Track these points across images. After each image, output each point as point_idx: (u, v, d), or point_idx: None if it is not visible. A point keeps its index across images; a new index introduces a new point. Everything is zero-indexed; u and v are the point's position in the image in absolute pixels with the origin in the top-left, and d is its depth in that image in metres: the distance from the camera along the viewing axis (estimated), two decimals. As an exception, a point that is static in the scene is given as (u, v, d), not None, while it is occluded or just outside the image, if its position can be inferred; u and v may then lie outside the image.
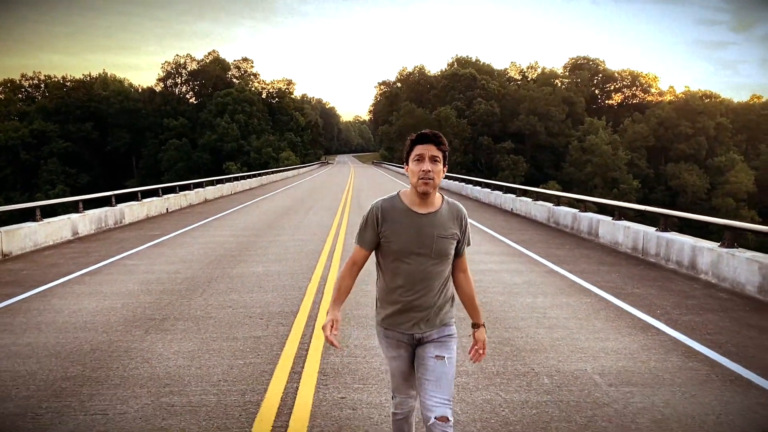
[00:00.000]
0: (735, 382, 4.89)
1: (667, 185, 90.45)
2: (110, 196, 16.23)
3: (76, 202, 14.30)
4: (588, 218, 13.84)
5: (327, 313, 2.84)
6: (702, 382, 4.86)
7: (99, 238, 13.71)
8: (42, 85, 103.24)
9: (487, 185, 25.41)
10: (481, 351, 2.92)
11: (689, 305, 7.50)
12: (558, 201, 16.42)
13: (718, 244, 9.08)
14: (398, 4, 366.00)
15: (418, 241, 2.74)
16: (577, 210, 14.66)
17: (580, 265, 10.15)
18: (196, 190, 24.43)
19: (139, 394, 4.54)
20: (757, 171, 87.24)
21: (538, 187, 38.44)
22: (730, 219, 8.00)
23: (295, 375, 4.92)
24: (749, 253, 8.40)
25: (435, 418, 2.68)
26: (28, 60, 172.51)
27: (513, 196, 20.54)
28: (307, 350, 5.54)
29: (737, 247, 8.80)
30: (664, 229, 10.68)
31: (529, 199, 18.57)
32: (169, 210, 20.38)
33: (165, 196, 20.33)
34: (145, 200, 18.47)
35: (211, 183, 27.75)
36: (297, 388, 4.64)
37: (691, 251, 9.56)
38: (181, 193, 22.25)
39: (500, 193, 22.35)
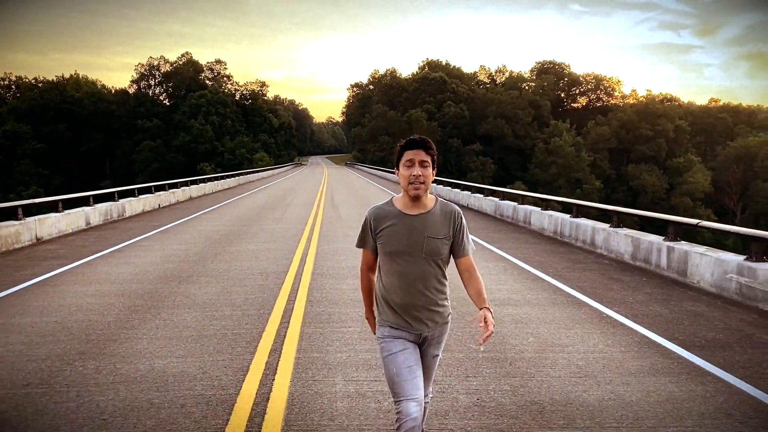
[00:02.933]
0: (578, 304, 7.53)
1: (628, 185, 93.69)
2: (113, 193, 18.48)
3: (88, 197, 16.55)
4: (524, 209, 16.56)
5: (366, 317, 3.25)
6: (555, 304, 7.49)
7: (109, 228, 15.99)
8: (13, 86, 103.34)
9: (449, 184, 28.13)
10: (489, 333, 2.76)
11: (576, 267, 10.19)
12: (503, 196, 19.14)
13: (609, 225, 11.80)
14: (371, 5, 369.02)
15: (409, 241, 2.86)
16: (516, 203, 17.39)
17: (508, 244, 12.83)
18: (182, 188, 26.71)
19: (190, 312, 7.00)
20: (714, 171, 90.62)
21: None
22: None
23: (290, 302, 7.43)
24: (627, 231, 11.14)
25: None
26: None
27: (468, 192, 23.27)
28: (297, 290, 8.06)
29: (622, 227, 11.53)
30: (576, 216, 13.43)
31: (481, 195, 21.31)
32: (161, 206, 22.64)
33: (157, 194, 22.58)
34: (141, 196, 20.73)
35: (195, 182, 30.02)
36: (293, 306, 7.16)
37: (592, 231, 12.29)
38: (170, 191, 24.52)
39: (459, 190, 25.09)
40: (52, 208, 14.77)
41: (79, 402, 4.39)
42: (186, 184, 28.21)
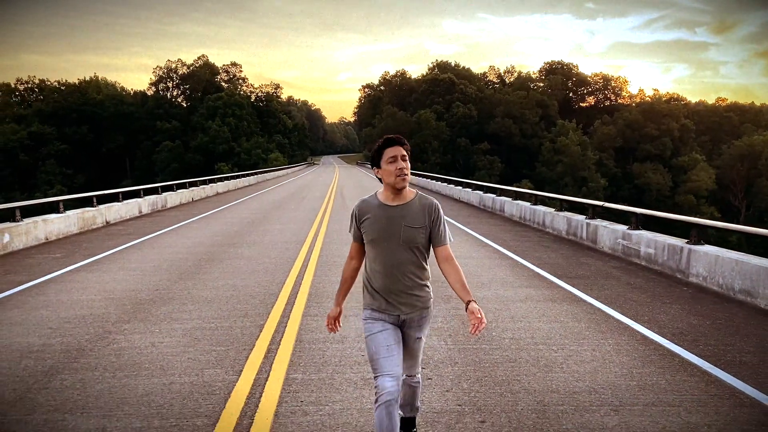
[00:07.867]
0: (504, 257, 10.86)
1: (633, 183, 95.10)
2: (157, 187, 22.05)
3: (139, 190, 20.13)
4: (500, 200, 19.89)
5: (334, 304, 3.45)
6: (489, 258, 10.83)
7: (158, 215, 19.53)
8: (37, 89, 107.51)
9: (446, 180, 31.55)
10: (480, 323, 3.01)
11: (521, 239, 13.53)
12: (486, 190, 22.48)
13: (554, 209, 15.09)
14: (384, 6, 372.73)
15: (388, 229, 3.14)
16: (494, 195, 20.74)
17: (479, 226, 16.17)
18: (210, 185, 30.37)
19: (240, 262, 10.42)
20: (719, 170, 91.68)
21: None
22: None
23: (308, 255, 10.86)
24: (565, 213, 14.43)
25: (406, 374, 3.39)
26: (8, 61, 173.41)
27: (460, 188, 26.64)
28: (312, 249, 11.48)
29: (563, 211, 14.82)
30: (535, 204, 16.74)
31: (469, 189, 24.69)
32: (194, 199, 26.24)
33: (191, 189, 26.20)
34: (178, 191, 24.31)
35: (221, 180, 33.77)
36: (310, 257, 10.59)
37: (543, 215, 15.60)
38: (201, 186, 28.15)
39: (453, 186, 28.49)
40: (113, 198, 18.31)
41: (191, 296, 7.83)
42: (213, 181, 31.88)
